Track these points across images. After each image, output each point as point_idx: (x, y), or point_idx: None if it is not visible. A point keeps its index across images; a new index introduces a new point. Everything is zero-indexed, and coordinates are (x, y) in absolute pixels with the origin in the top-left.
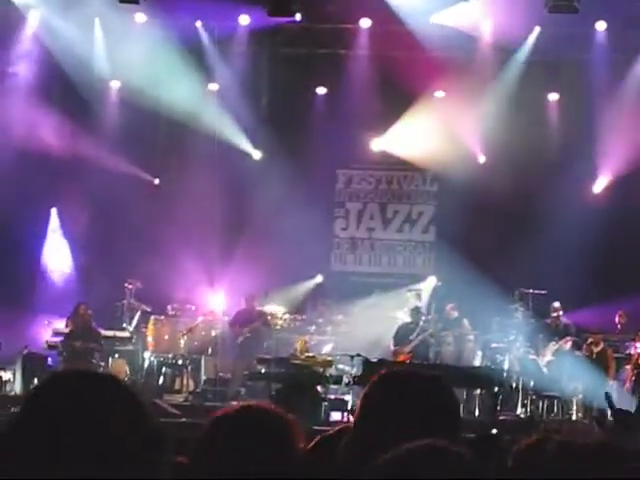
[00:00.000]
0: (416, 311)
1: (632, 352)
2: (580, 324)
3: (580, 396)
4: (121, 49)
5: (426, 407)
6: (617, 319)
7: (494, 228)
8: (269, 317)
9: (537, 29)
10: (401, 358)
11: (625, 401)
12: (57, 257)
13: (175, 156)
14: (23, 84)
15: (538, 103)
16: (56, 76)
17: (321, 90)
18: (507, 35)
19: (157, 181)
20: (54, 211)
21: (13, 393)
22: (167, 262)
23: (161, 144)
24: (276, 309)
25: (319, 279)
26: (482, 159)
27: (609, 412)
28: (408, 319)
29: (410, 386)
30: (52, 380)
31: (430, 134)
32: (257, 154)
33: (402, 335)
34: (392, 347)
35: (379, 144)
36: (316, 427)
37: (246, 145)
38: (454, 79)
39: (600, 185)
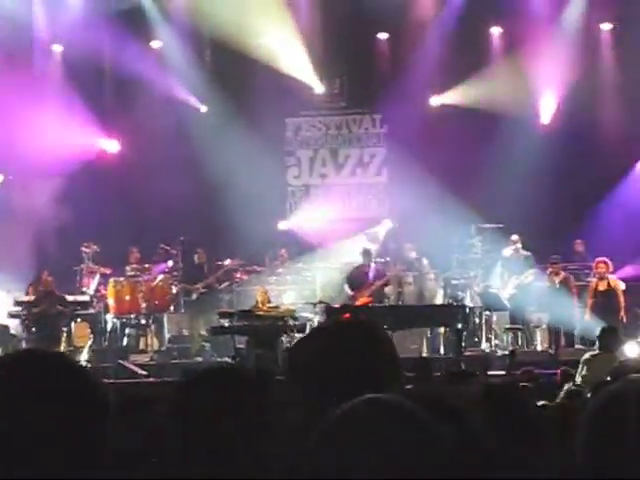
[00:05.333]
0: (367, 253)
1: (590, 280)
2: (538, 254)
3: (544, 326)
4: (61, 12)
5: (361, 356)
6: (575, 248)
7: (446, 166)
8: (224, 271)
9: None
10: (361, 301)
11: (589, 328)
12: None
13: (125, 117)
14: None
15: None
16: None
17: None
18: None
19: (114, 145)
20: None
21: None
22: (123, 223)
23: (109, 106)
24: (234, 262)
25: (283, 226)
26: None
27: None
28: (360, 262)
29: (343, 336)
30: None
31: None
32: (204, 108)
33: (357, 278)
34: (349, 291)
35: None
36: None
37: (192, 99)
38: None
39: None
